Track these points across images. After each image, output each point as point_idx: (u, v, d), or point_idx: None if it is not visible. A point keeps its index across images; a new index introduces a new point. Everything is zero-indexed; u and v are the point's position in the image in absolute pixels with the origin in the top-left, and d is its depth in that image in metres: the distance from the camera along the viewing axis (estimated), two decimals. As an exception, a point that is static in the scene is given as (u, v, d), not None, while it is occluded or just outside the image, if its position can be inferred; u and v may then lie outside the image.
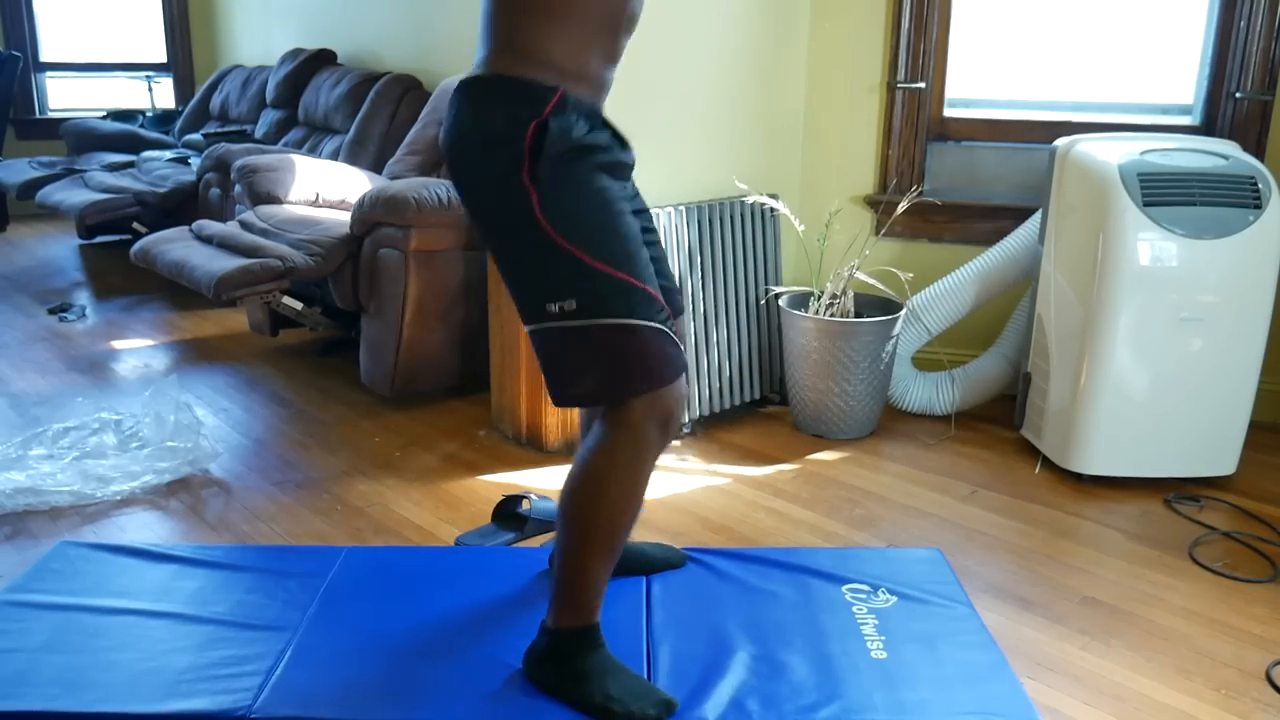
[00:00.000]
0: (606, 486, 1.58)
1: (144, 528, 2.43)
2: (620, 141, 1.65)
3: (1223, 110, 3.04)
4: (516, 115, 1.52)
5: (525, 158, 1.50)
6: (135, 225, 4.70)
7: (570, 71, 1.54)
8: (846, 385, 2.93)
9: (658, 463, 1.63)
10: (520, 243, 1.56)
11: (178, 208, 4.59)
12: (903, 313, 2.99)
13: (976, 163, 3.33)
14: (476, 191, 1.60)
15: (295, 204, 3.79)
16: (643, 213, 1.76)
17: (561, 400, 1.61)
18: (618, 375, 1.56)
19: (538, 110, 1.51)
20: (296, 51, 5.19)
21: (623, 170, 1.66)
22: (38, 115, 6.43)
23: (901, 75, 3.26)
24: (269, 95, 5.24)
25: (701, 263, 2.96)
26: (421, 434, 3.01)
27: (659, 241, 1.82)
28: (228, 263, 3.25)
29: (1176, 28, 3.15)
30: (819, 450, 2.93)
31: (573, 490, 1.60)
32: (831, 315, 2.96)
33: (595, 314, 1.53)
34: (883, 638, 1.86)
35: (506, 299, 2.82)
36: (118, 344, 3.87)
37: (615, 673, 1.65)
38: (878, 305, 3.04)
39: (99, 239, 5.43)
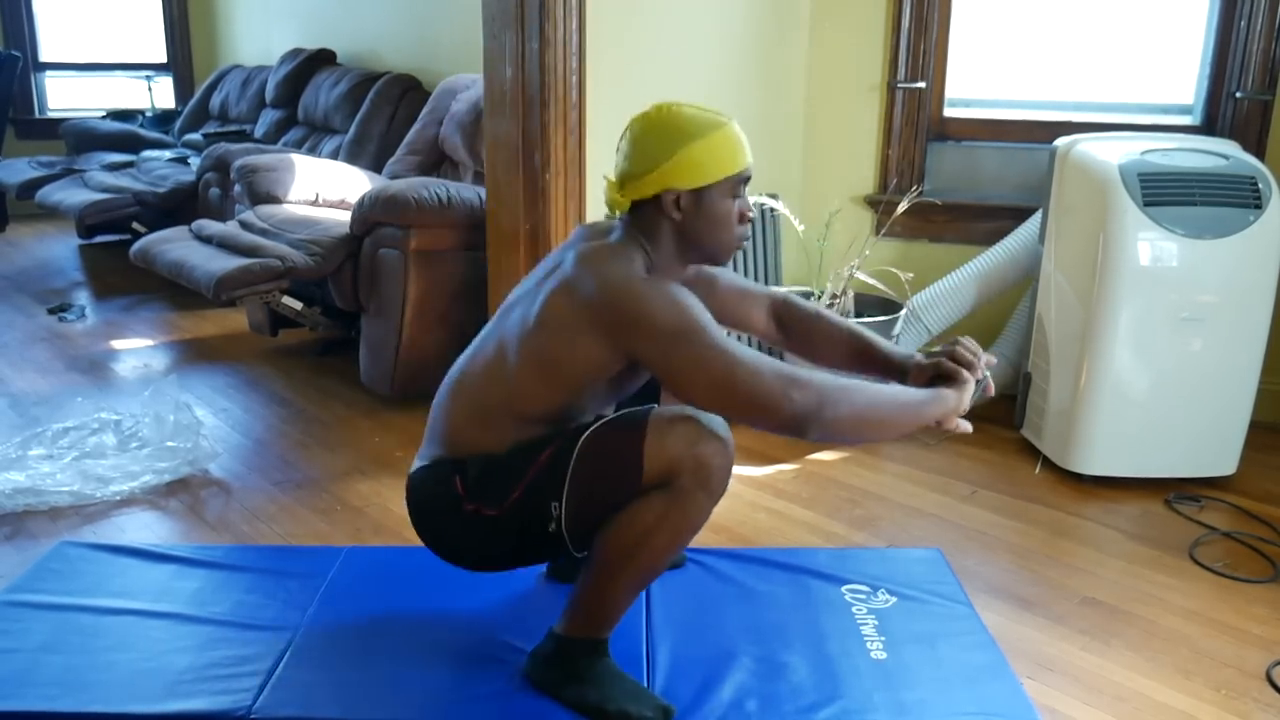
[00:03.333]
0: (651, 538, 1.55)
1: (144, 528, 2.43)
2: None
3: (1223, 110, 3.04)
4: (443, 482, 1.65)
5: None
6: (135, 225, 4.70)
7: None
8: (846, 385, 2.93)
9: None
10: (478, 533, 1.65)
11: (177, 208, 4.59)
12: (903, 313, 2.99)
13: (976, 163, 3.33)
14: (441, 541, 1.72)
15: (295, 204, 3.79)
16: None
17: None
18: (620, 483, 1.55)
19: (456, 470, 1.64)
20: (296, 51, 5.19)
21: None
22: (37, 115, 6.43)
23: (901, 75, 3.26)
24: (269, 95, 5.24)
25: (701, 263, 2.96)
26: (421, 434, 3.00)
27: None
28: (227, 263, 3.25)
29: (1176, 28, 3.15)
30: (819, 450, 2.93)
31: (615, 531, 1.56)
32: (831, 315, 2.96)
33: (561, 480, 1.56)
34: (883, 638, 1.86)
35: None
36: (117, 344, 3.87)
37: (615, 679, 1.65)
38: (878, 305, 3.04)
39: (99, 239, 5.43)
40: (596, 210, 2.77)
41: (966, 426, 1.65)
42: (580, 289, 1.54)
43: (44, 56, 6.43)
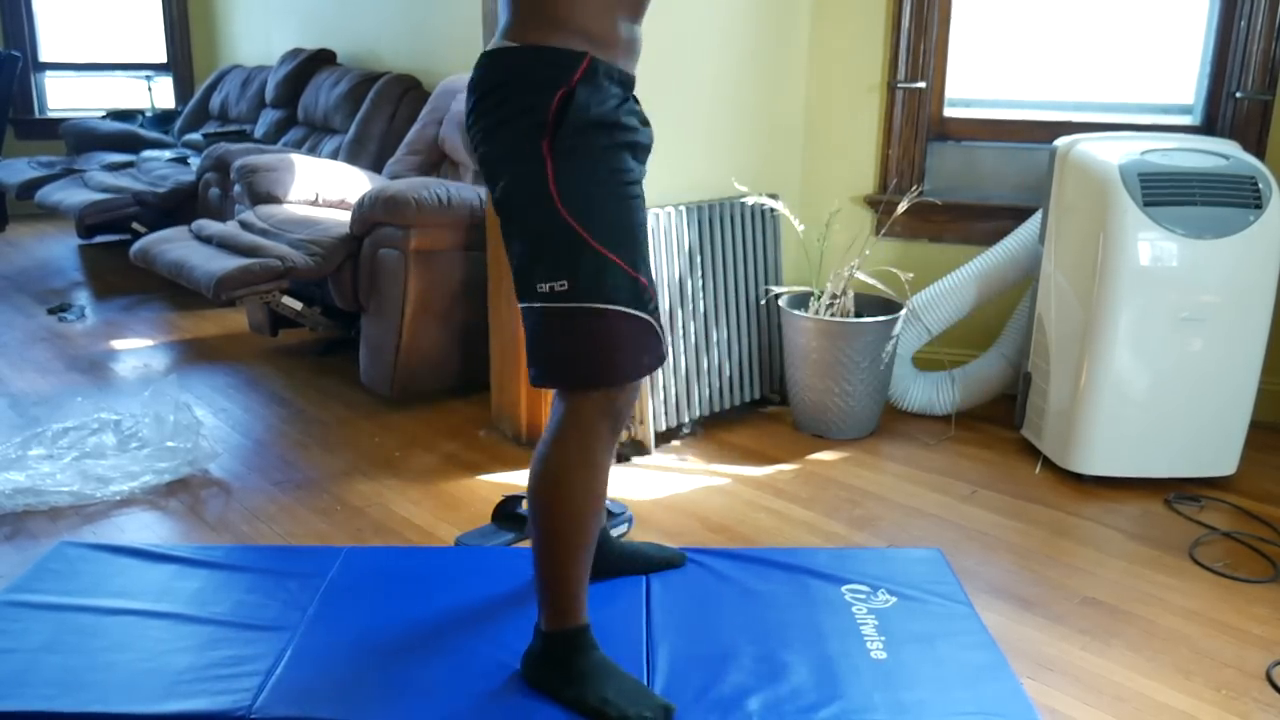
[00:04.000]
0: (562, 479, 1.59)
1: (144, 528, 2.43)
2: (642, 119, 1.63)
3: (1223, 110, 3.04)
4: (542, 83, 1.48)
5: (548, 128, 1.47)
6: (135, 225, 4.70)
7: (597, 36, 1.50)
8: (846, 385, 2.93)
9: (658, 464, 1.64)
10: (528, 214, 1.53)
11: (177, 208, 4.59)
12: (903, 313, 2.99)
13: (976, 163, 3.33)
14: (496, 162, 1.56)
15: (295, 204, 3.79)
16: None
17: (536, 380, 1.61)
18: (590, 363, 1.56)
19: (565, 78, 1.47)
20: (296, 51, 5.19)
21: (641, 152, 1.62)
22: (37, 115, 6.43)
23: (901, 75, 3.26)
24: (269, 95, 5.24)
25: (701, 263, 2.96)
26: (421, 434, 3.01)
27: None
28: (227, 263, 3.25)
29: (1176, 28, 3.15)
30: (819, 450, 2.93)
31: (533, 489, 1.61)
32: (831, 315, 2.96)
33: (583, 297, 1.52)
34: (882, 638, 1.86)
35: (507, 299, 2.82)
36: (117, 344, 3.87)
37: (612, 676, 1.64)
38: (878, 305, 3.04)
39: (98, 239, 5.43)
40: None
41: None
42: None
43: (44, 56, 6.43)
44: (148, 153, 5.25)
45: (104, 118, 6.00)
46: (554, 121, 1.47)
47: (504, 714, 1.65)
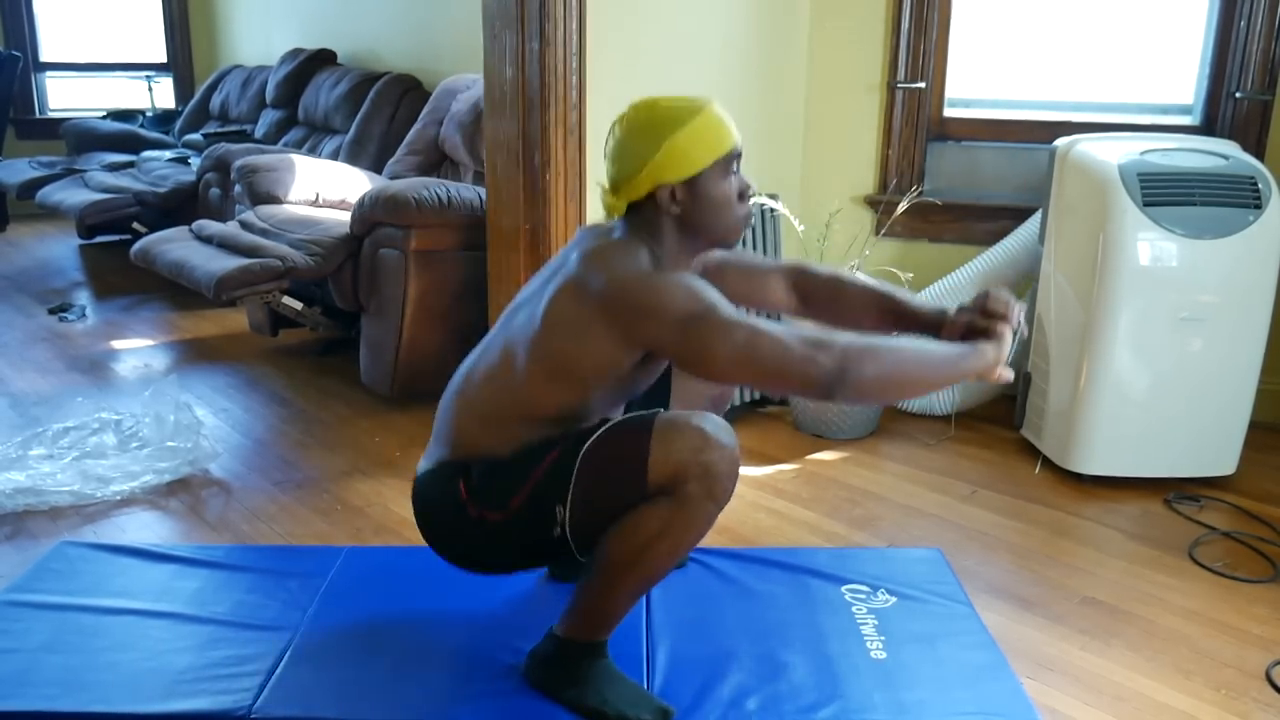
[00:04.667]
0: (655, 545, 1.54)
1: (144, 528, 2.43)
2: None
3: (1223, 110, 3.04)
4: (447, 486, 1.64)
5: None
6: (135, 225, 4.71)
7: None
8: (846, 385, 2.93)
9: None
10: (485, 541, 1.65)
11: (178, 208, 4.59)
12: (903, 313, 2.99)
13: (976, 163, 3.33)
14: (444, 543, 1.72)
15: (295, 204, 3.79)
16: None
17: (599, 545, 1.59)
18: (627, 486, 1.53)
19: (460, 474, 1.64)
20: (296, 51, 5.19)
21: None
22: (38, 115, 6.43)
23: (901, 75, 3.26)
24: (269, 95, 5.24)
25: (701, 263, 2.96)
26: (421, 434, 2.98)
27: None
28: (228, 263, 3.25)
29: (1176, 28, 3.15)
30: (819, 450, 2.93)
31: (619, 536, 1.55)
32: (831, 315, 2.96)
33: (566, 484, 1.55)
34: (882, 638, 1.86)
35: (507, 299, 2.82)
36: (118, 344, 3.87)
37: (614, 681, 1.65)
38: (878, 305, 3.04)
39: (99, 239, 5.43)
40: (596, 210, 2.77)
41: (1008, 375, 1.62)
42: (589, 285, 1.54)
43: (44, 56, 6.43)
44: (148, 153, 5.26)
45: (104, 118, 6.00)
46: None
47: (504, 714, 1.65)
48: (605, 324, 1.52)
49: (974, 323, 1.68)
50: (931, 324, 1.76)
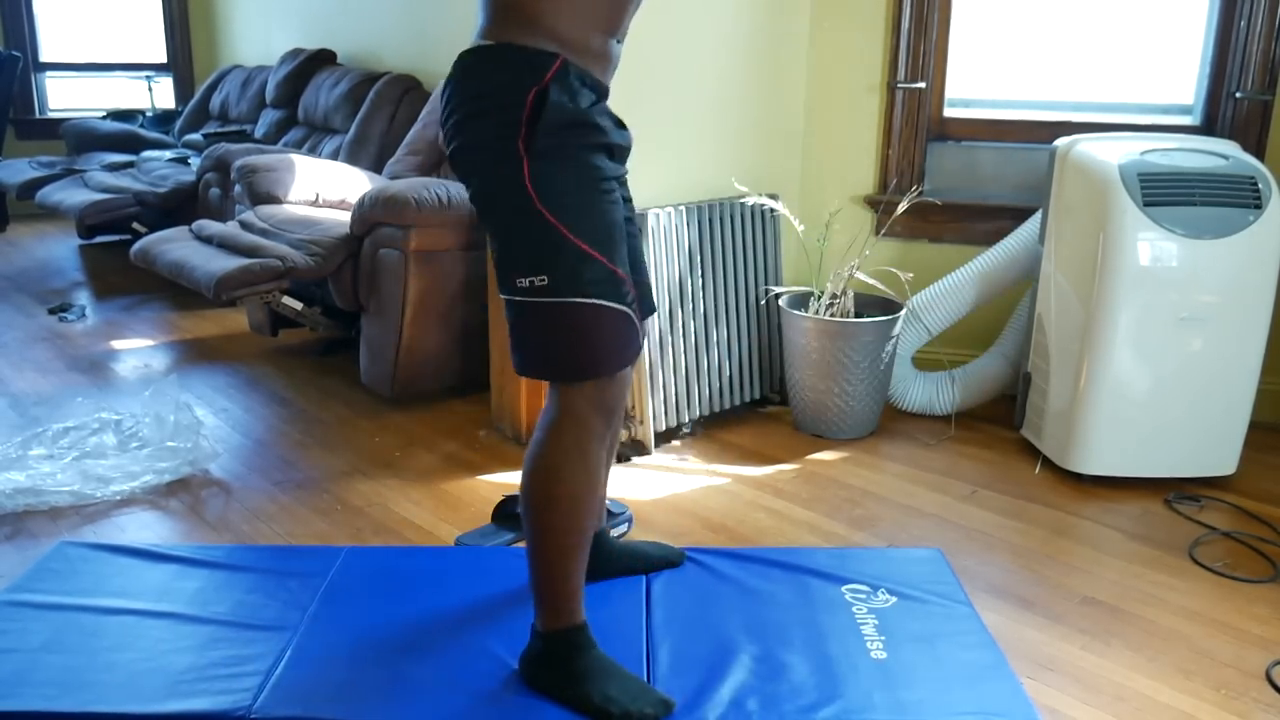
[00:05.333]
0: (557, 474, 1.59)
1: (144, 528, 2.43)
2: (617, 122, 1.64)
3: (1223, 110, 3.04)
4: (515, 82, 1.49)
5: (522, 125, 1.48)
6: (135, 225, 4.70)
7: (571, 42, 1.52)
8: (846, 385, 2.93)
9: (658, 464, 1.63)
10: (504, 210, 1.55)
11: (178, 208, 4.59)
12: (903, 313, 2.99)
13: (976, 163, 3.33)
14: (471, 158, 1.57)
15: (295, 204, 3.79)
16: (628, 202, 1.75)
17: (519, 369, 1.63)
18: (573, 357, 1.57)
19: (538, 77, 1.49)
20: (296, 51, 5.19)
21: (618, 153, 1.64)
22: (38, 115, 6.43)
23: (901, 75, 3.26)
24: (269, 95, 5.24)
25: (701, 263, 2.96)
26: (421, 434, 3.01)
27: (639, 235, 1.83)
28: (228, 263, 3.25)
29: (1176, 28, 3.15)
30: (819, 450, 2.93)
31: (527, 484, 1.61)
32: (831, 315, 2.96)
33: (564, 292, 1.52)
34: (883, 638, 1.86)
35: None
36: (118, 344, 3.87)
37: (612, 673, 1.65)
38: (878, 305, 3.04)
39: (99, 239, 5.43)
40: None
41: None
42: None
43: (44, 56, 6.42)
44: (148, 153, 5.25)
45: (104, 118, 6.00)
46: (528, 120, 1.48)
47: (504, 714, 1.65)
48: None
49: None
50: None
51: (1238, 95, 3.00)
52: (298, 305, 3.38)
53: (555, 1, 1.51)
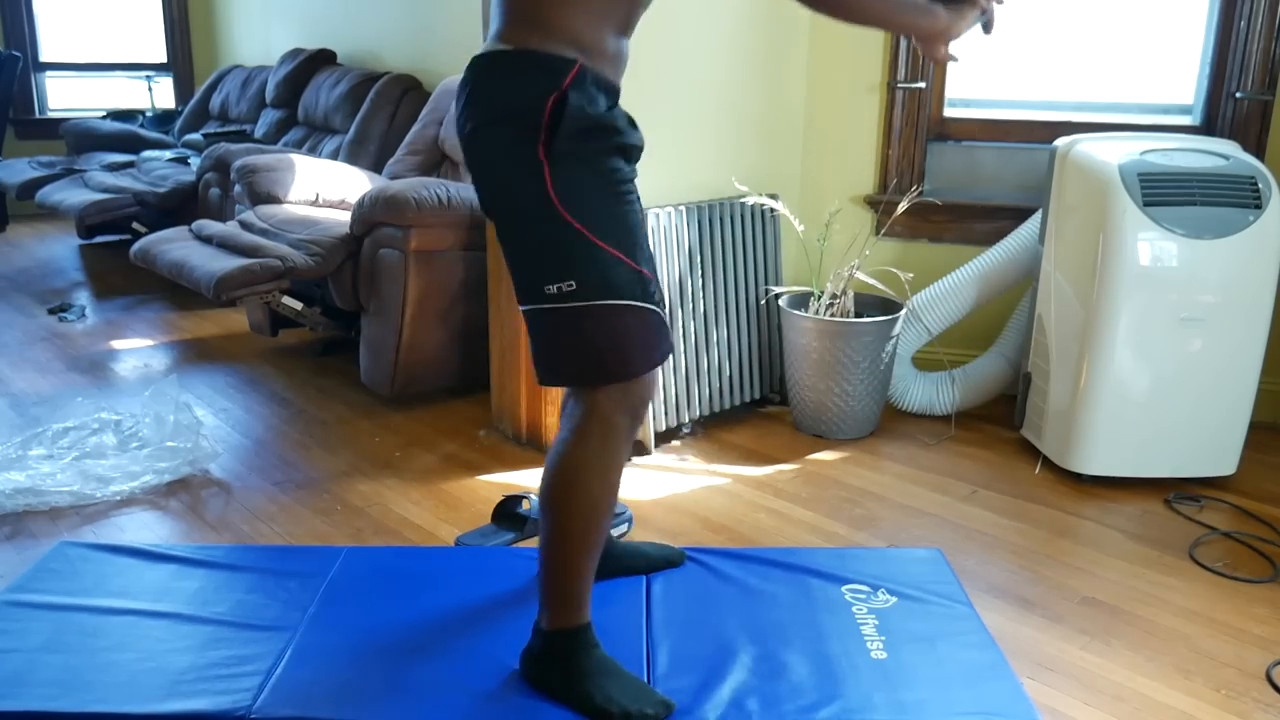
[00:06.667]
0: (580, 476, 1.58)
1: (144, 528, 2.43)
2: (631, 122, 1.64)
3: (1223, 110, 3.04)
4: (534, 88, 1.49)
5: (542, 131, 1.48)
6: (135, 225, 4.70)
7: (587, 45, 1.52)
8: (846, 385, 2.93)
9: (658, 464, 1.63)
10: (527, 218, 1.54)
11: (178, 208, 4.59)
12: (903, 313, 2.99)
13: (976, 163, 3.33)
14: (489, 165, 1.58)
15: (295, 204, 3.79)
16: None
17: (546, 380, 1.62)
18: (604, 360, 1.56)
19: (556, 83, 1.48)
20: (296, 51, 5.19)
21: (634, 153, 1.64)
22: (38, 115, 6.43)
23: (901, 75, 3.26)
24: (269, 95, 5.24)
25: (701, 263, 2.96)
26: (421, 434, 3.01)
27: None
28: (228, 263, 3.25)
29: (1176, 28, 3.15)
30: (819, 450, 2.93)
31: (550, 484, 1.61)
32: (831, 315, 2.96)
33: (592, 295, 1.52)
34: (883, 638, 1.86)
35: (507, 299, 2.82)
36: (118, 344, 3.87)
37: (613, 674, 1.65)
38: (878, 305, 3.04)
39: (99, 239, 5.43)
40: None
41: (954, 57, 1.64)
42: None
43: (44, 56, 6.42)
44: (148, 153, 5.25)
45: (104, 118, 6.00)
46: (548, 125, 1.48)
47: (504, 714, 1.65)
48: None
49: None
50: None
51: (1238, 95, 3.00)
52: (298, 305, 3.38)
53: (573, 6, 1.50)
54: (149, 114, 6.18)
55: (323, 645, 1.82)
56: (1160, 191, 2.54)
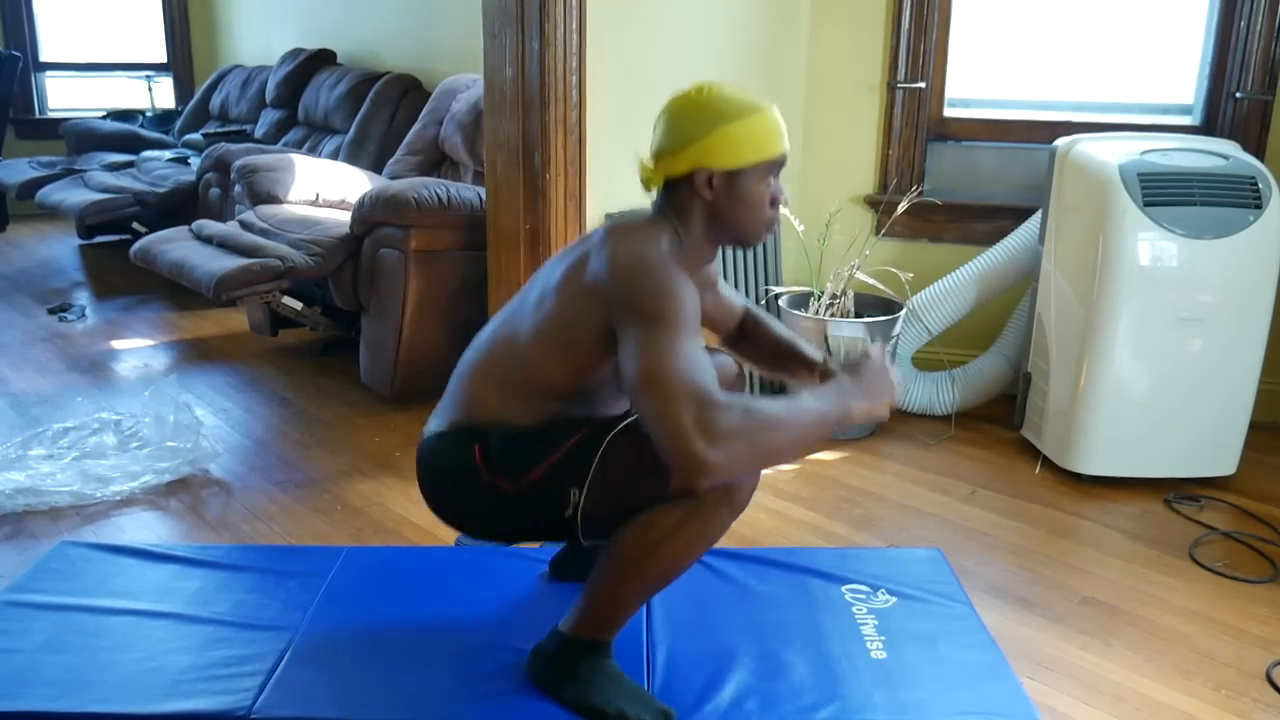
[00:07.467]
0: (667, 543, 1.54)
1: (144, 528, 2.43)
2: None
3: (1223, 110, 3.04)
4: (461, 450, 1.63)
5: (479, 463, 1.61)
6: (135, 225, 4.71)
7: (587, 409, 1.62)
8: (846, 385, 2.93)
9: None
10: (512, 502, 1.62)
11: (178, 208, 4.59)
12: (903, 313, 2.99)
13: (976, 163, 3.33)
14: (446, 503, 1.72)
15: (295, 204, 3.79)
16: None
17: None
18: (655, 479, 1.49)
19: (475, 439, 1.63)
20: (296, 51, 5.19)
21: None
22: (38, 115, 6.43)
23: (901, 75, 3.26)
24: (269, 95, 5.24)
25: (701, 263, 2.96)
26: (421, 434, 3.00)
27: None
28: (228, 263, 3.25)
29: (1176, 28, 3.16)
30: (819, 450, 2.93)
31: (633, 531, 1.55)
32: (831, 315, 2.96)
33: (592, 455, 1.55)
34: (883, 638, 1.86)
35: (507, 299, 2.82)
36: (118, 344, 3.87)
37: (615, 681, 1.64)
38: (878, 305, 3.04)
39: (99, 239, 5.43)
40: (596, 210, 2.78)
41: (881, 414, 1.57)
42: (594, 259, 1.54)
43: (44, 56, 6.43)
44: (148, 153, 5.26)
45: (104, 118, 6.00)
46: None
47: (504, 714, 1.65)
48: (598, 297, 1.52)
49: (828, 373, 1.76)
50: (818, 372, 1.85)
51: (1238, 95, 3.00)
52: (298, 305, 3.38)
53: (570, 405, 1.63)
54: (149, 114, 6.18)
55: (323, 645, 1.82)
56: (1160, 191, 2.54)
